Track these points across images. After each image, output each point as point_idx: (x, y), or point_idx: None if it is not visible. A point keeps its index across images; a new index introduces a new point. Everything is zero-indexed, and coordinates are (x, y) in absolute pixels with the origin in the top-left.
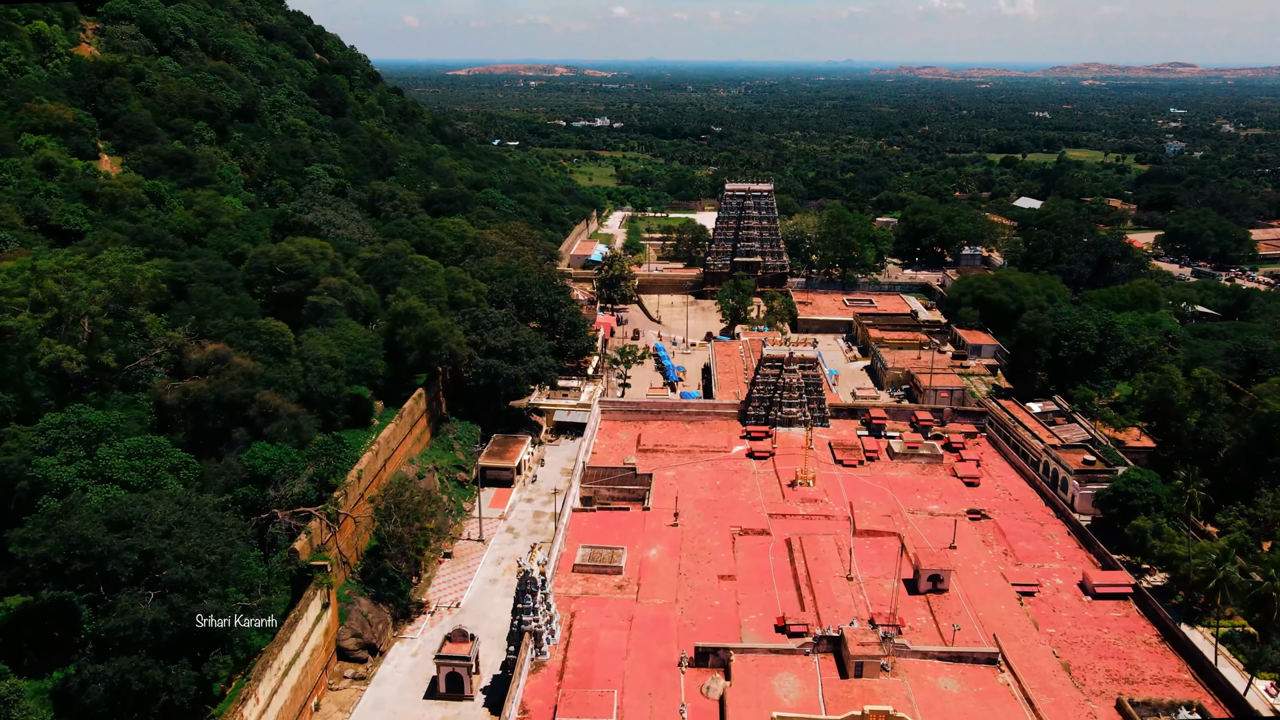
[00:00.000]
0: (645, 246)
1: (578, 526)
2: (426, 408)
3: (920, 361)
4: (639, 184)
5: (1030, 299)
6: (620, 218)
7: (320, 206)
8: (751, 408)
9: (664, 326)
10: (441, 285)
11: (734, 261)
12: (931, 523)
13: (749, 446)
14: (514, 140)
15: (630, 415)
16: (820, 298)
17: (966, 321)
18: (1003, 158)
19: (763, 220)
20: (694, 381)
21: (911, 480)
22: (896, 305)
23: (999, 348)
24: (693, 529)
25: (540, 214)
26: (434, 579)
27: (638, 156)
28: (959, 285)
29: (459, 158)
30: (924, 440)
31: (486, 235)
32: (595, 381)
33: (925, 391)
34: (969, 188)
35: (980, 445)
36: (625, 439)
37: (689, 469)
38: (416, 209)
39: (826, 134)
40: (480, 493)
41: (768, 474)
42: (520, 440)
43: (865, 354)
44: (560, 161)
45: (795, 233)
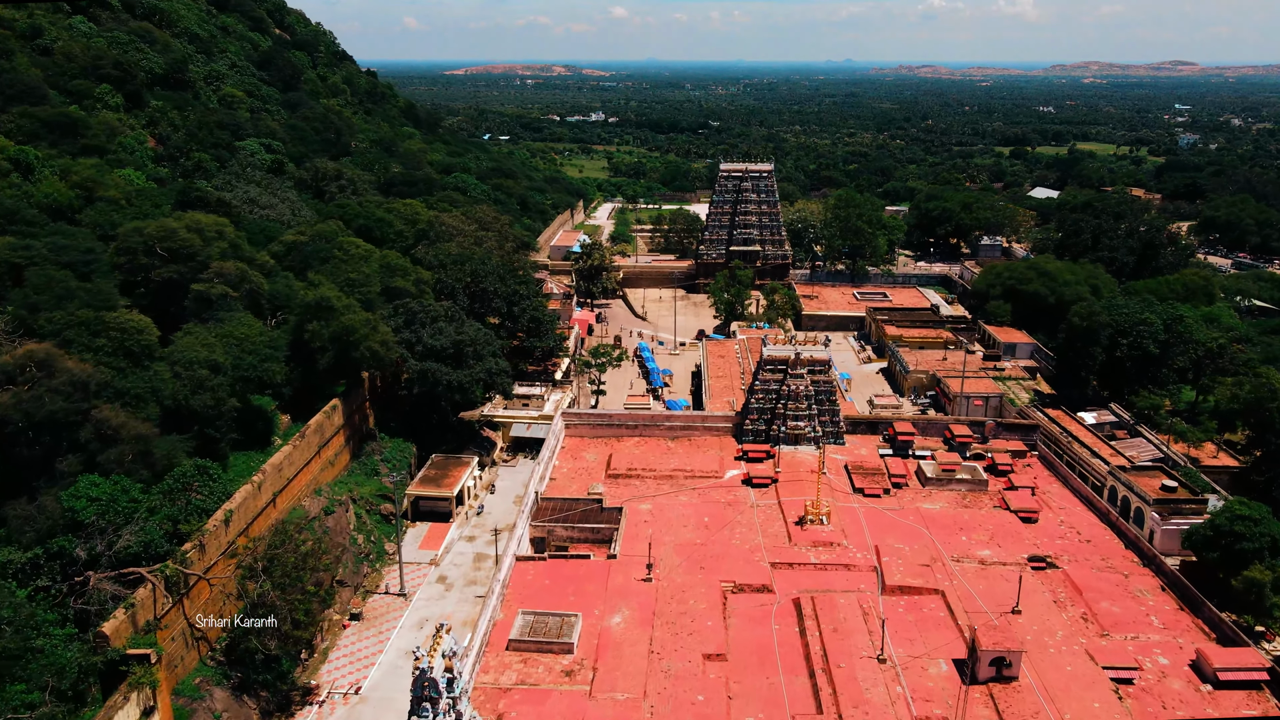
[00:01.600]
0: (634, 238)
1: (521, 582)
2: (344, 423)
3: (946, 364)
4: (632, 175)
5: (1071, 290)
6: (609, 209)
7: (246, 184)
8: (749, 421)
9: (651, 324)
10: (373, 273)
11: (730, 251)
12: (984, 575)
13: (746, 471)
14: (505, 135)
15: (600, 430)
16: (827, 291)
17: (996, 317)
18: (1012, 150)
19: (762, 204)
20: (683, 387)
21: (952, 515)
22: (914, 299)
23: (1036, 347)
24: (671, 585)
25: (518, 202)
26: (333, 650)
27: (632, 150)
28: (986, 276)
29: (431, 142)
30: (962, 461)
31: (443, 218)
32: (565, 388)
33: (955, 399)
34: (980, 179)
35: (1032, 467)
36: (593, 460)
37: (670, 501)
38: (369, 191)
39: (827, 128)
40: (408, 530)
41: (769, 507)
42: (464, 462)
43: (881, 354)
44: (551, 155)
45: (798, 220)
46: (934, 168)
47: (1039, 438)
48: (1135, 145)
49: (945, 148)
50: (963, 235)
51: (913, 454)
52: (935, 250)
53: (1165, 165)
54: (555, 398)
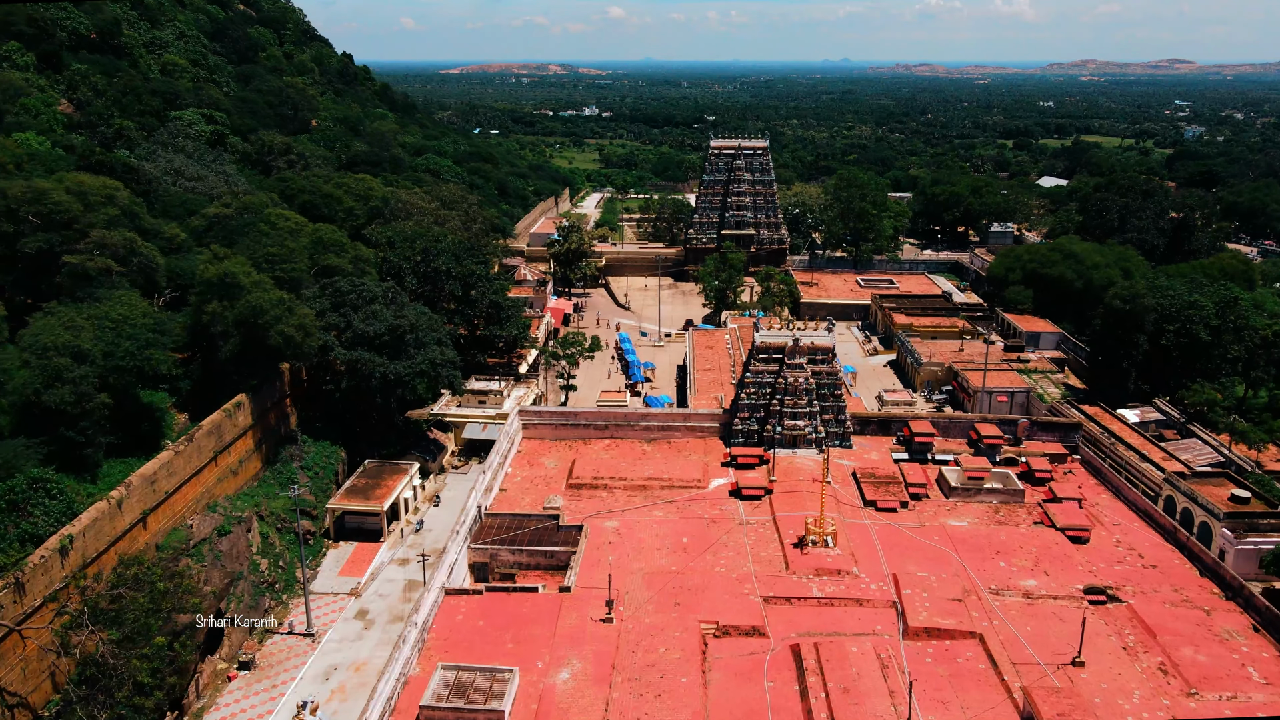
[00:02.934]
0: (622, 227)
1: (448, 623)
2: (254, 423)
3: (963, 355)
4: (623, 166)
5: (1101, 274)
6: (598, 199)
7: (173, 153)
8: (739, 420)
9: (634, 314)
10: (300, 248)
11: (721, 235)
12: (1031, 612)
13: (734, 480)
14: (495, 129)
15: (564, 431)
16: (828, 278)
17: (1017, 304)
18: (1015, 141)
19: (757, 184)
20: (667, 383)
21: (985, 534)
22: (923, 286)
23: (1063, 337)
24: (638, 627)
25: (496, 187)
26: (211, 712)
27: (625, 144)
28: (1004, 259)
29: (406, 126)
30: (992, 467)
31: (400, 194)
32: (530, 383)
33: (976, 395)
34: (984, 168)
35: (1075, 474)
36: (553, 467)
37: (642, 517)
38: (325, 168)
39: (825, 122)
40: (328, 553)
41: (762, 525)
42: (402, 470)
43: (888, 346)
44: (541, 147)
45: (796, 205)
46: (936, 158)
47: (1081, 439)
48: (1139, 138)
49: (946, 140)
50: (971, 222)
51: (933, 459)
52: (943, 238)
53: (1176, 154)
54: (518, 394)
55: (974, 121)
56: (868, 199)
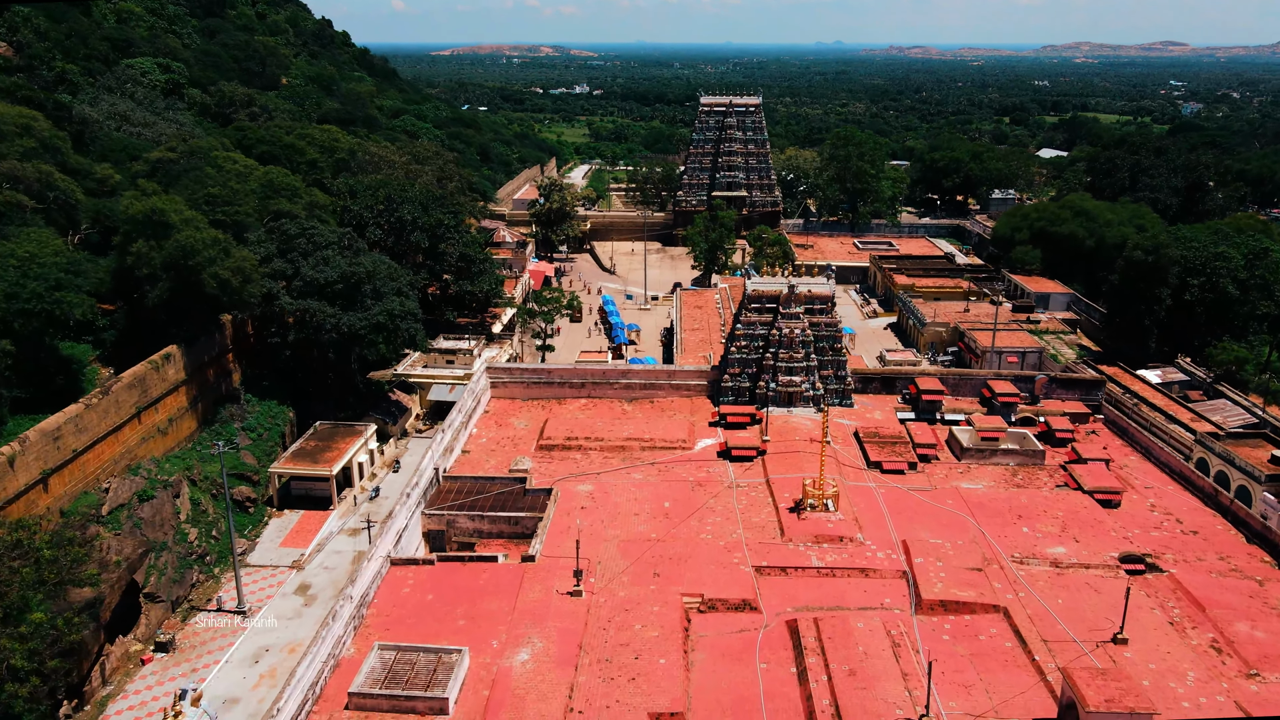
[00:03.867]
0: (610, 196)
1: (392, 597)
2: (188, 378)
3: (969, 316)
4: (613, 140)
5: (1114, 232)
6: (586, 170)
7: (119, 99)
8: (729, 376)
9: (620, 279)
10: (247, 191)
11: (712, 197)
12: (1061, 583)
13: (723, 440)
14: (483, 105)
15: (537, 390)
16: (824, 241)
17: (1024, 264)
18: (1012, 117)
19: (749, 143)
20: (652, 346)
21: (1004, 498)
22: (924, 248)
23: (1074, 297)
24: (611, 601)
25: (478, 151)
26: (118, 699)
27: (615, 119)
28: (1011, 218)
29: (386, 90)
30: (1008, 427)
31: (368, 147)
32: (503, 344)
33: (984, 356)
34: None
35: (1099, 435)
36: (523, 428)
37: (619, 481)
38: (286, 122)
39: (819, 99)
40: (270, 521)
41: (755, 488)
42: (356, 432)
43: (888, 308)
44: (530, 123)
45: (789, 169)
46: (931, 133)
47: (1104, 398)
48: (1137, 115)
49: (941, 115)
50: (971, 190)
51: (942, 418)
52: (942, 206)
53: (1176, 127)
54: (490, 354)
55: (969, 99)
56: (865, 158)
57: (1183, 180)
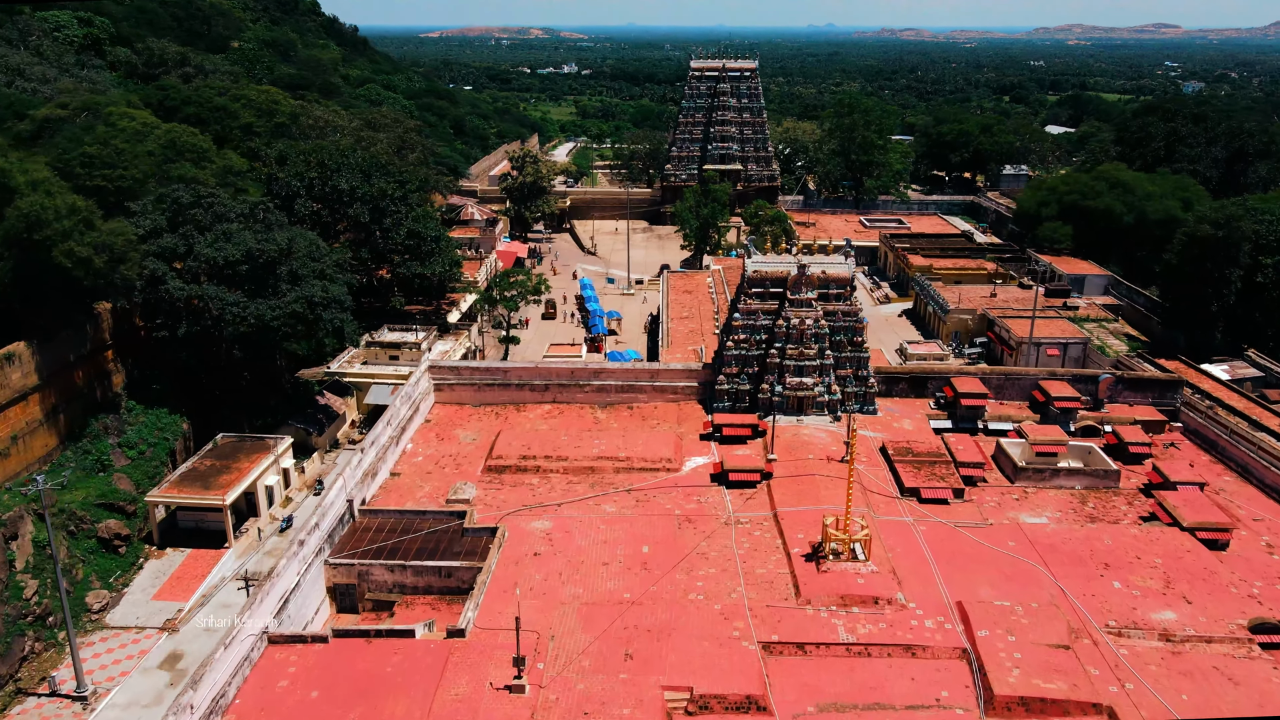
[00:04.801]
0: (595, 174)
1: (263, 695)
2: (44, 384)
3: (997, 301)
4: (600, 117)
5: (1157, 205)
6: (572, 148)
7: (18, 52)
8: (725, 376)
9: (601, 260)
10: (141, 153)
11: (703, 171)
12: (1180, 665)
13: (719, 459)
14: (469, 84)
15: (490, 393)
16: (827, 219)
17: (1053, 243)
18: (1012, 95)
19: (744, 112)
20: (635, 338)
21: (1080, 537)
22: (938, 226)
23: (1112, 280)
24: (567, 700)
25: (452, 125)
26: None
27: (604, 98)
28: (1036, 191)
29: (355, 60)
30: (1068, 438)
31: (313, 110)
32: (460, 335)
33: (1020, 348)
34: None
35: (1179, 449)
36: (470, 443)
37: (586, 515)
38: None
39: (812, 80)
40: (146, 564)
41: (759, 525)
42: (267, 447)
43: (902, 292)
44: (516, 101)
45: (787, 143)
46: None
47: (1182, 402)
48: (1137, 94)
49: (939, 94)
50: (980, 166)
51: (985, 427)
52: (950, 183)
53: (1151, 104)
54: (443, 348)
55: (965, 79)
56: (872, 127)
57: (1224, 150)
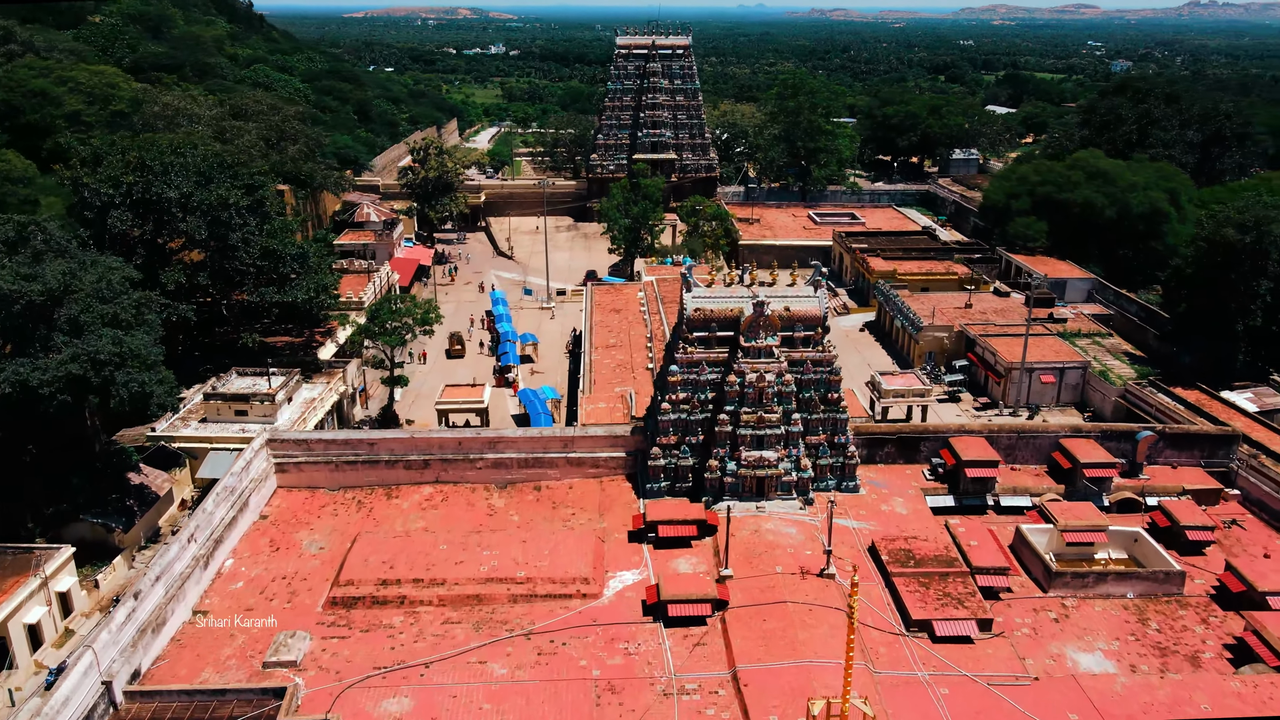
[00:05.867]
0: (519, 162)
1: None
2: None
3: (974, 313)
4: (527, 100)
5: (1140, 198)
6: (495, 133)
7: None
8: (661, 445)
9: (521, 265)
10: None
11: (633, 161)
12: None
13: (653, 575)
14: (391, 66)
15: (351, 473)
16: (771, 213)
17: (1025, 241)
18: (947, 75)
19: (677, 94)
20: (556, 365)
21: (1163, 695)
22: (895, 221)
23: (1095, 284)
24: None
25: (356, 110)
26: None
27: (532, 80)
28: (1005, 181)
29: (248, 38)
30: (1106, 521)
31: (159, 95)
32: (333, 377)
33: (1010, 374)
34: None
35: (1246, 527)
36: (317, 554)
37: (464, 684)
38: (43, 61)
39: (745, 60)
40: None
41: (712, 695)
42: (24, 565)
43: (861, 300)
44: (439, 84)
45: (724, 127)
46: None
47: (1237, 462)
48: (1068, 73)
49: (873, 74)
50: (928, 150)
51: (997, 504)
52: (897, 169)
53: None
54: (308, 396)
55: (898, 58)
56: (819, 110)
57: (1199, 134)
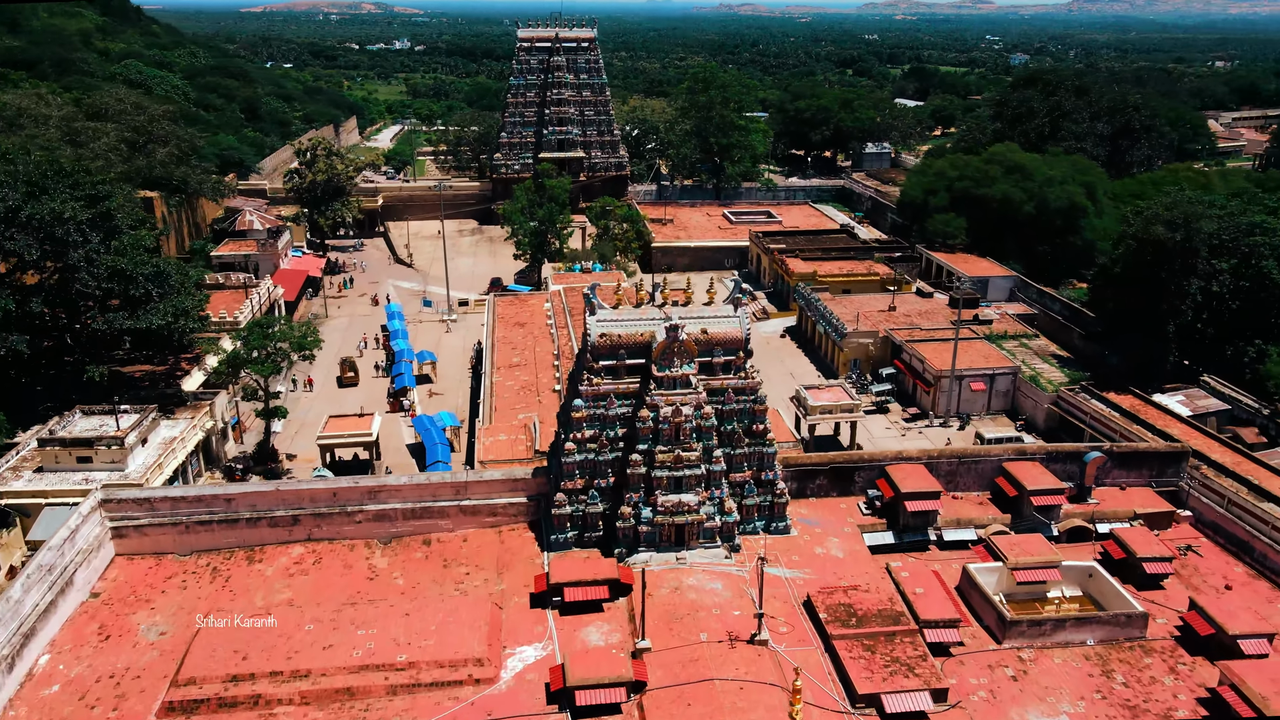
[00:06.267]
0: (422, 162)
1: None
2: None
3: (898, 317)
4: (432, 96)
5: (1058, 193)
6: (397, 131)
7: None
8: (566, 490)
9: (421, 274)
10: None
11: (539, 161)
12: None
13: (559, 651)
14: (289, 62)
15: (207, 534)
16: (685, 212)
17: (944, 238)
18: (854, 69)
19: (584, 89)
20: (458, 386)
21: None
22: (813, 219)
23: (1018, 282)
24: None
25: (243, 108)
26: None
27: (438, 76)
28: (922, 177)
29: (123, 31)
30: (1059, 555)
31: None
32: (198, 411)
33: (939, 382)
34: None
35: (1202, 553)
36: (156, 642)
37: None
38: None
39: (655, 54)
40: None
41: None
42: None
43: (781, 304)
44: (340, 80)
45: (636, 121)
46: (779, 84)
47: (1189, 481)
48: (970, 66)
49: (783, 69)
50: (841, 144)
51: (939, 538)
52: (810, 164)
53: (1026, 76)
54: (168, 435)
55: (806, 52)
56: (731, 105)
57: (1109, 125)
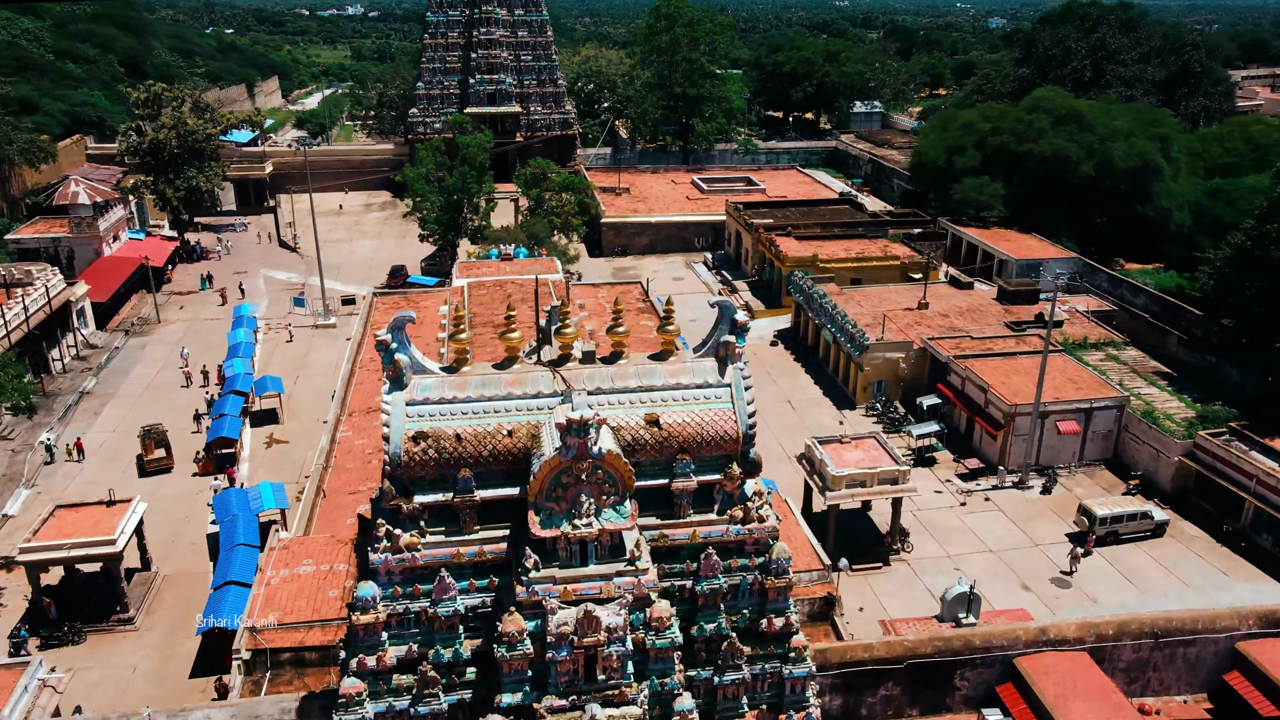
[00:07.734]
0: (350, 127)
1: None
2: None
3: (931, 316)
4: (376, 60)
5: (1126, 149)
6: (328, 95)
7: None
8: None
9: (306, 261)
10: None
11: (464, 114)
12: None
13: None
14: (231, 28)
15: None
16: (645, 179)
17: (979, 207)
18: (829, 32)
19: (519, 28)
20: (311, 429)
21: None
22: (804, 187)
23: (1081, 265)
24: None
25: (122, 61)
26: None
27: (384, 41)
28: (942, 130)
29: None
30: None
31: None
32: None
33: (1010, 423)
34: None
35: None
36: None
37: None
38: None
39: (621, 19)
40: None
41: None
42: None
43: (771, 301)
44: (284, 45)
45: (589, 75)
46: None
47: None
48: (948, 30)
49: (754, 32)
50: (826, 103)
51: None
52: (791, 127)
53: (1064, 8)
54: None
55: (777, 17)
56: (700, 46)
57: (1163, 70)
